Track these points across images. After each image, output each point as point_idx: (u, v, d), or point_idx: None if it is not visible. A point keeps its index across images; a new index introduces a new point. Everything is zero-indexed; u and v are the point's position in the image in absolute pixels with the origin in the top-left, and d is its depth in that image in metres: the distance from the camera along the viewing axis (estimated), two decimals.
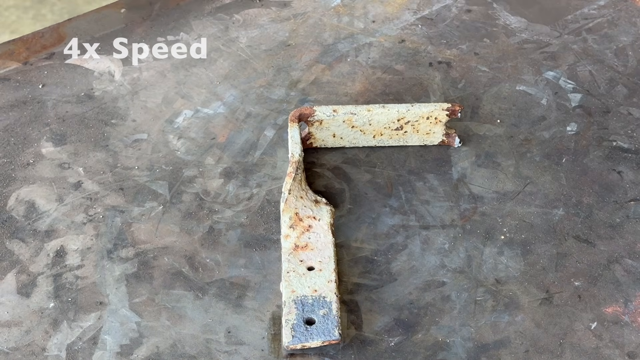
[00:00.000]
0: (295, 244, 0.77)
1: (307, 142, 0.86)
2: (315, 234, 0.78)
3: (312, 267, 0.76)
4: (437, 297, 0.76)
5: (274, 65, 0.94)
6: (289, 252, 0.77)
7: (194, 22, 0.98)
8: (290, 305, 0.73)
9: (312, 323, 0.73)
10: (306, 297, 0.74)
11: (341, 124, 0.84)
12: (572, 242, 0.79)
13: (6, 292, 0.76)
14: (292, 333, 0.72)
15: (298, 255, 0.77)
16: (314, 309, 0.73)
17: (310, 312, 0.73)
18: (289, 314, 0.73)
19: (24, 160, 0.86)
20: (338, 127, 0.85)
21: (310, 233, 0.78)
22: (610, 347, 0.73)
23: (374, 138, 0.86)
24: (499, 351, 0.73)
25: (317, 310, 0.73)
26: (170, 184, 0.84)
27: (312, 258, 0.76)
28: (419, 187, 0.84)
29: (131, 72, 0.93)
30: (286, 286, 0.74)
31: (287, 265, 0.76)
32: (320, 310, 0.73)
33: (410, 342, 0.73)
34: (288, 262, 0.76)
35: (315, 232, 0.78)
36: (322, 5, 1.00)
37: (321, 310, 0.73)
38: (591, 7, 1.00)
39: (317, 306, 0.73)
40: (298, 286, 0.74)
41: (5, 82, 0.92)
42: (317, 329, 0.72)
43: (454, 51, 0.96)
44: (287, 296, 0.74)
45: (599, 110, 0.91)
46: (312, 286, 0.75)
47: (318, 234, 0.78)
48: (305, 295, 0.74)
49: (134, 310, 0.75)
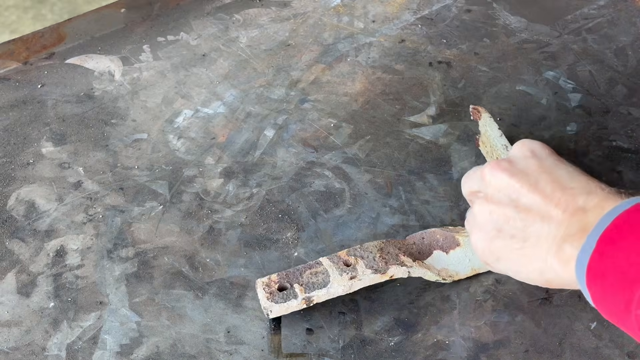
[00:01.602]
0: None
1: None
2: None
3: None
4: (437, 297, 0.76)
5: (274, 65, 0.95)
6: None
7: (194, 22, 0.98)
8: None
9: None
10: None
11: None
12: None
13: (6, 292, 0.76)
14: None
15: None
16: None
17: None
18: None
19: (24, 160, 0.86)
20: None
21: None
22: (610, 347, 0.73)
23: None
24: (498, 351, 0.73)
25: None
26: (170, 184, 0.84)
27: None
28: (419, 187, 0.84)
29: (131, 72, 0.93)
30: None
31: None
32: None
33: (410, 342, 0.74)
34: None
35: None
36: (322, 5, 1.00)
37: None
38: (591, 7, 1.00)
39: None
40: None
41: (5, 82, 0.92)
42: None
43: (454, 51, 0.96)
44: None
45: (599, 110, 0.91)
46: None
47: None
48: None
49: (134, 310, 0.75)
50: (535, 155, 0.69)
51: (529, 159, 0.69)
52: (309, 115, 0.90)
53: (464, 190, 0.74)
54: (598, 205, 0.62)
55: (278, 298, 0.72)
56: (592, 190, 0.64)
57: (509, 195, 0.67)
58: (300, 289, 0.72)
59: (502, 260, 0.69)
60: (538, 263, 0.65)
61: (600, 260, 0.59)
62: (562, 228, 0.63)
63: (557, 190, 0.65)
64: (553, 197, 0.65)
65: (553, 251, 0.64)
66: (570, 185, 0.65)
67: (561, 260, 0.63)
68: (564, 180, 0.66)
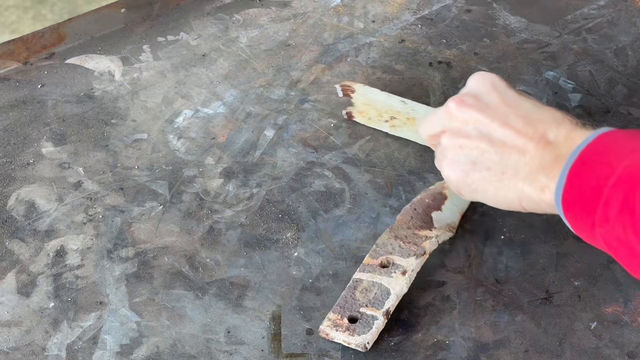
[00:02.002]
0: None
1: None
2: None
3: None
4: (437, 297, 0.76)
5: (274, 65, 0.95)
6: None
7: (194, 22, 0.98)
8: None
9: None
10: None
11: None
12: (572, 242, 0.79)
13: (6, 292, 0.76)
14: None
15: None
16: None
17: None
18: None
19: (24, 160, 0.86)
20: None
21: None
22: (610, 347, 0.73)
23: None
24: (498, 351, 0.73)
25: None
26: (170, 184, 0.84)
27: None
28: (419, 187, 0.84)
29: (131, 72, 0.93)
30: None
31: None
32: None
33: (410, 342, 0.74)
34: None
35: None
36: (322, 5, 1.00)
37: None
38: (591, 7, 1.00)
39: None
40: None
41: (5, 82, 0.92)
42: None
43: (453, 51, 0.96)
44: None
45: (599, 110, 0.91)
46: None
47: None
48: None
49: (134, 310, 0.75)
50: (497, 89, 0.72)
51: (492, 93, 0.72)
52: (309, 116, 0.90)
53: (424, 136, 0.77)
54: (568, 137, 0.67)
55: (361, 328, 0.72)
56: (560, 121, 0.69)
57: (479, 130, 0.70)
58: (372, 309, 0.73)
59: (479, 192, 0.72)
60: (516, 192, 0.69)
61: (571, 190, 0.64)
62: (537, 159, 0.68)
63: (527, 124, 0.69)
64: (525, 131, 0.69)
65: (529, 181, 0.68)
66: (538, 118, 0.69)
67: (537, 189, 0.67)
68: (531, 113, 0.70)
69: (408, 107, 0.88)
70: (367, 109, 0.88)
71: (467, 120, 0.71)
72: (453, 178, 0.73)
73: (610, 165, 0.62)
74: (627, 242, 0.61)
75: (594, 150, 0.64)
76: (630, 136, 0.65)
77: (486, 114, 0.70)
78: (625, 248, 0.61)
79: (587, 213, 0.63)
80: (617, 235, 0.61)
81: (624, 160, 0.61)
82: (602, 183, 0.62)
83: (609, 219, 0.61)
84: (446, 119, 0.73)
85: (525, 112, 0.70)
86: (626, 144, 0.63)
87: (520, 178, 0.69)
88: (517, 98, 0.71)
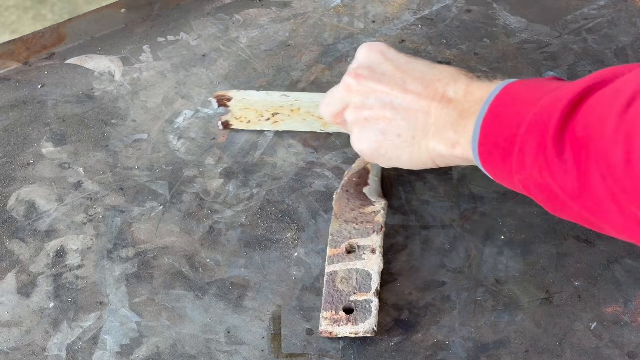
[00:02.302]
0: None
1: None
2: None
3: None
4: (437, 297, 0.76)
5: (274, 65, 0.94)
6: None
7: (194, 22, 0.98)
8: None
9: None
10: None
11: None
12: (572, 242, 0.79)
13: (6, 292, 0.76)
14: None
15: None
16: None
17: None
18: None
19: (24, 160, 0.86)
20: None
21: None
22: (610, 347, 0.73)
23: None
24: (498, 351, 0.73)
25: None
26: (170, 184, 0.84)
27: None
28: (419, 187, 0.84)
29: (131, 72, 0.93)
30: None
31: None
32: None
33: (410, 342, 0.74)
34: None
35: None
36: (322, 5, 1.00)
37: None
38: (591, 7, 1.00)
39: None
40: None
41: (5, 82, 0.92)
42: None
43: (453, 51, 0.96)
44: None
45: None
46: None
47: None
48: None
49: (134, 310, 0.75)
50: (388, 57, 0.74)
51: (384, 62, 0.74)
52: None
53: (327, 117, 0.79)
54: (466, 91, 0.70)
55: (361, 315, 0.73)
56: (456, 77, 0.71)
57: (381, 99, 0.72)
58: (362, 294, 0.73)
59: (394, 159, 0.74)
60: (427, 152, 0.72)
61: (486, 142, 0.66)
62: (442, 118, 0.70)
63: (426, 85, 0.71)
64: (426, 92, 0.71)
65: (438, 139, 0.70)
66: (436, 77, 0.72)
67: (447, 146, 0.70)
68: (427, 74, 0.72)
69: (290, 99, 0.88)
70: (246, 113, 0.88)
71: (367, 92, 0.73)
72: (366, 151, 0.75)
73: (520, 114, 0.64)
74: (545, 185, 0.62)
75: (503, 102, 0.66)
76: (535, 85, 0.67)
77: (384, 83, 0.72)
78: (544, 191, 0.63)
79: (503, 162, 0.65)
80: (535, 179, 0.63)
81: (532, 108, 0.63)
82: (514, 132, 0.63)
83: (526, 166, 0.63)
84: (346, 95, 0.75)
85: (421, 74, 0.72)
86: (533, 93, 0.65)
87: (429, 138, 0.71)
88: (410, 62, 0.74)
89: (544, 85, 0.66)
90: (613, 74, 0.61)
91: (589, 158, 0.58)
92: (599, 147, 0.56)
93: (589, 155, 0.57)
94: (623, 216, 0.57)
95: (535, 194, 0.65)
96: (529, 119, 0.63)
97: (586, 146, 0.58)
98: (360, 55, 0.76)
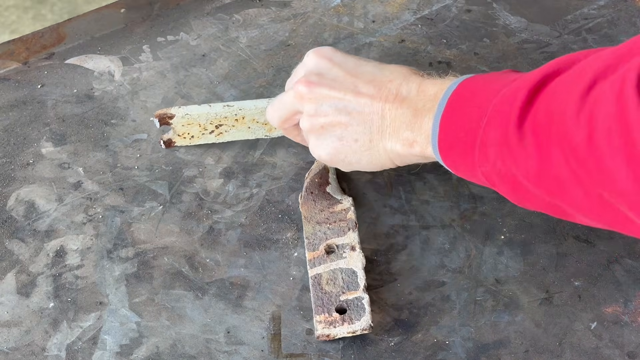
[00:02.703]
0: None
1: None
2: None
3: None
4: (437, 297, 0.76)
5: (274, 65, 0.94)
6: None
7: (194, 22, 0.98)
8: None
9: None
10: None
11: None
12: (572, 242, 0.79)
13: (6, 292, 0.76)
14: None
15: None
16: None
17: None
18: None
19: (24, 160, 0.86)
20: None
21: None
22: (610, 347, 0.73)
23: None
24: (498, 351, 0.73)
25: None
26: (170, 184, 0.84)
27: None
28: (419, 187, 0.84)
29: (131, 72, 0.93)
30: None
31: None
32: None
33: (410, 342, 0.74)
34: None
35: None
36: (322, 5, 1.00)
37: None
38: (591, 7, 1.00)
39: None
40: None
41: (5, 82, 0.92)
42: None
43: (453, 51, 0.96)
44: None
45: None
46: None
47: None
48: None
49: (133, 310, 0.75)
50: (336, 63, 0.74)
51: (333, 68, 0.73)
52: None
53: (275, 123, 0.78)
54: (419, 90, 0.70)
55: (356, 313, 0.73)
56: (407, 76, 0.71)
57: (335, 106, 0.72)
58: (352, 292, 0.74)
59: (354, 163, 0.74)
60: (386, 154, 0.72)
61: (446, 138, 0.66)
62: (397, 118, 0.70)
63: (379, 87, 0.71)
64: (379, 95, 0.71)
65: (395, 140, 0.71)
66: (387, 78, 0.72)
67: (405, 145, 0.70)
68: (378, 76, 0.72)
69: (234, 108, 0.85)
70: (189, 128, 0.85)
71: (319, 99, 0.72)
72: (326, 157, 0.75)
73: (480, 107, 0.64)
74: (509, 175, 0.62)
75: (461, 96, 0.66)
76: (493, 79, 0.67)
77: (336, 89, 0.72)
78: (508, 181, 0.63)
79: (465, 156, 0.65)
80: (498, 170, 0.63)
81: (492, 100, 0.63)
82: (475, 125, 0.63)
83: (489, 157, 0.63)
84: (297, 102, 0.74)
85: (372, 76, 0.72)
86: (491, 86, 0.65)
87: (387, 140, 0.71)
88: (359, 64, 0.73)
89: (502, 78, 0.66)
90: (570, 61, 0.61)
91: (550, 141, 0.58)
92: (561, 130, 0.57)
93: (551, 139, 0.58)
94: (588, 198, 0.57)
95: (499, 185, 0.65)
96: (489, 111, 0.63)
97: (548, 130, 0.58)
98: (308, 61, 0.75)
